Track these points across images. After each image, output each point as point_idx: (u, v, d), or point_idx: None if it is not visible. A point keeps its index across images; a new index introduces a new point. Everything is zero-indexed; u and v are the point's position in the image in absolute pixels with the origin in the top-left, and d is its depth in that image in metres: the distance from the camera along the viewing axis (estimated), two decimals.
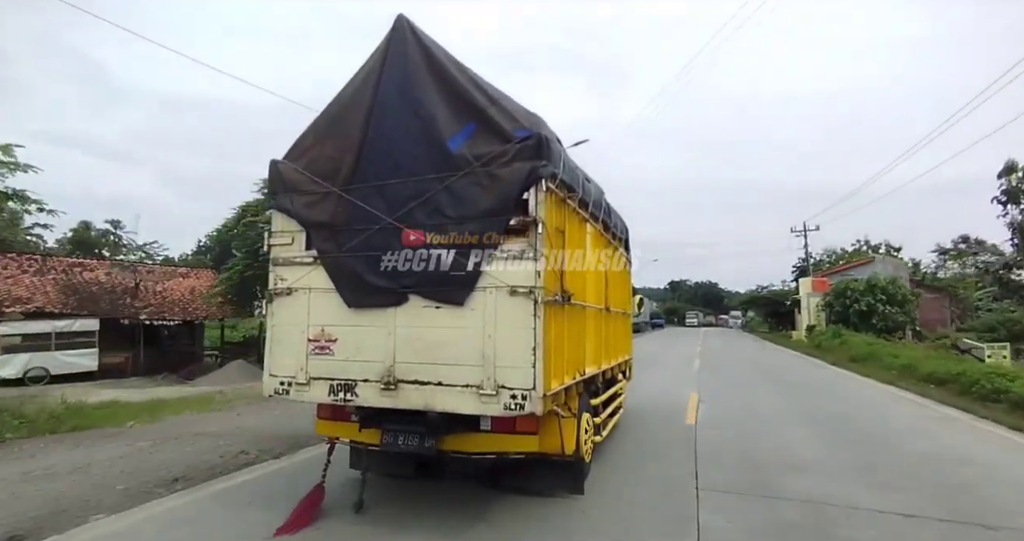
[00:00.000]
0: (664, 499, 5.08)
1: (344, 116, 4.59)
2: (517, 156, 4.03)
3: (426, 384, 4.13)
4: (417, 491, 5.20)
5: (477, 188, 4.10)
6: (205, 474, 5.80)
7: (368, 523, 4.41)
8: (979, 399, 10.53)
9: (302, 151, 4.74)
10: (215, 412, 9.88)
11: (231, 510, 4.74)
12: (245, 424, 8.49)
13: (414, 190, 4.26)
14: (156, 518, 4.59)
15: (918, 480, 5.59)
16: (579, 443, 5.17)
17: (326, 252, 4.51)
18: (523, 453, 4.45)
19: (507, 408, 3.90)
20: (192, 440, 7.39)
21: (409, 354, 4.21)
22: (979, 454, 6.71)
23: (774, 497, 5.08)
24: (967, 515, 4.61)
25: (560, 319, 4.44)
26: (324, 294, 4.51)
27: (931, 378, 13.08)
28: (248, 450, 6.73)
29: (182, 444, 7.17)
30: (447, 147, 4.19)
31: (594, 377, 5.94)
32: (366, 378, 4.30)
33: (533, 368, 3.86)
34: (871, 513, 4.66)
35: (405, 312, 4.26)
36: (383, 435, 4.53)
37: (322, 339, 4.48)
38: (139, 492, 5.24)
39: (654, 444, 7.23)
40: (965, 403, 10.32)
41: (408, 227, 4.23)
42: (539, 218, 3.96)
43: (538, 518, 4.54)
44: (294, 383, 4.51)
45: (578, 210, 5.05)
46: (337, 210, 4.49)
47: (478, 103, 4.22)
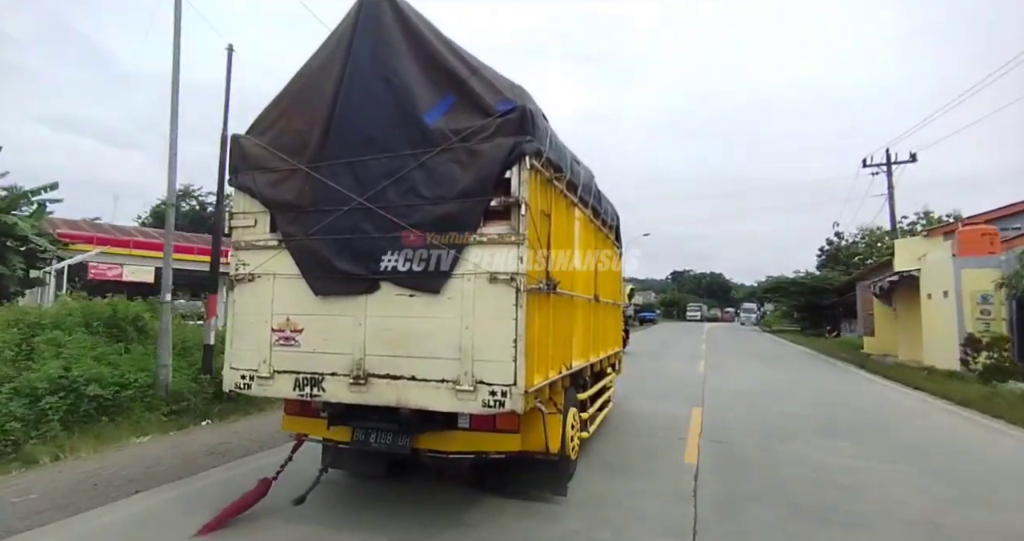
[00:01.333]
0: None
1: (313, 86, 4.21)
2: (499, 131, 3.69)
3: (398, 378, 3.80)
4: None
5: (455, 166, 3.76)
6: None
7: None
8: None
9: (267, 125, 4.36)
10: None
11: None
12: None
13: (387, 168, 3.91)
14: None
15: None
16: (565, 441, 4.88)
17: (291, 235, 4.15)
18: (504, 453, 4.14)
19: (486, 405, 3.59)
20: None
21: (380, 346, 3.88)
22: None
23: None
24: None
25: (545, 309, 4.12)
26: (289, 281, 4.16)
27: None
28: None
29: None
30: (423, 121, 3.83)
31: (582, 370, 5.65)
32: (334, 372, 3.96)
33: (514, 362, 3.54)
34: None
35: (376, 300, 3.92)
36: (354, 432, 4.21)
37: (287, 329, 4.13)
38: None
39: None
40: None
41: (380, 208, 3.88)
42: (522, 199, 3.63)
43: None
44: (256, 377, 4.17)
45: (566, 193, 4.72)
46: (303, 189, 4.12)
47: (458, 73, 3.86)
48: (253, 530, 3.95)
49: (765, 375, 14.83)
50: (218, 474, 5.37)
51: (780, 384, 12.96)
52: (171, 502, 4.56)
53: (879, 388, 12.83)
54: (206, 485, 5.01)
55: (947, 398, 10.84)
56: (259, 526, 4.01)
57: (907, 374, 14.24)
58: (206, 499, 4.47)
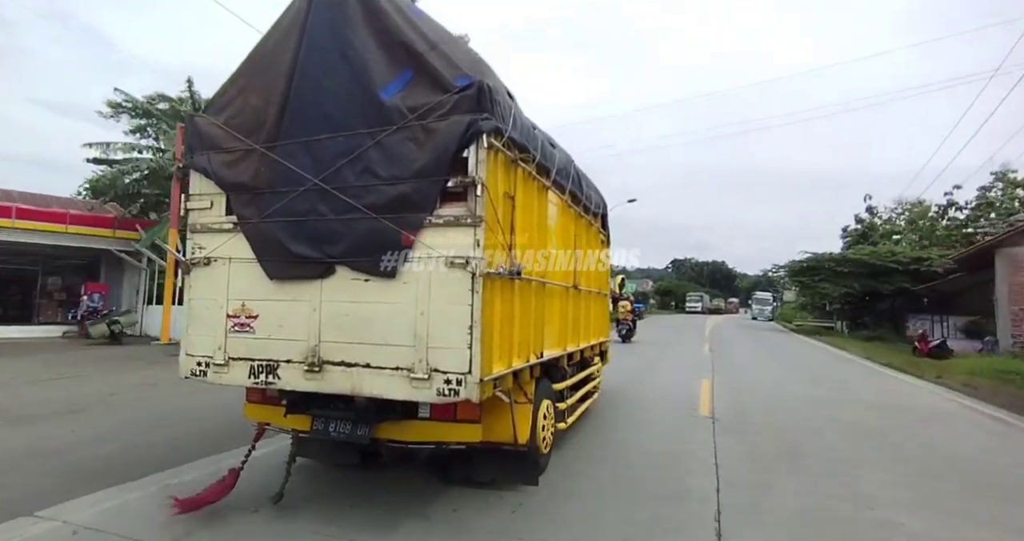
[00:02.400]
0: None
1: (269, 62, 4.04)
2: (455, 108, 3.52)
3: (353, 366, 3.67)
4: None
5: (411, 144, 3.60)
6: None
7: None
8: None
9: (224, 103, 4.20)
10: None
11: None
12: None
13: (343, 147, 3.75)
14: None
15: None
16: (535, 432, 4.76)
17: (246, 218, 4.00)
18: (464, 444, 4.02)
19: (440, 394, 3.46)
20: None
21: (335, 332, 3.74)
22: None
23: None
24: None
25: (508, 295, 3.97)
26: (245, 265, 4.02)
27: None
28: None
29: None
30: (379, 97, 3.66)
31: (557, 360, 5.50)
32: (289, 359, 3.83)
33: (469, 349, 3.40)
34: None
35: (331, 285, 3.78)
36: (313, 421, 4.09)
37: (242, 315, 4.00)
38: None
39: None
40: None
41: (335, 189, 3.73)
42: (479, 179, 3.46)
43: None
44: (212, 364, 4.05)
45: (535, 176, 4.55)
46: (259, 170, 3.97)
47: (416, 47, 3.68)
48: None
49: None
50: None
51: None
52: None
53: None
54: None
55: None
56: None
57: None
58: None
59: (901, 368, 15.03)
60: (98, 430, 6.40)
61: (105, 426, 6.62)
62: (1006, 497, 4.91)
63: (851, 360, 17.84)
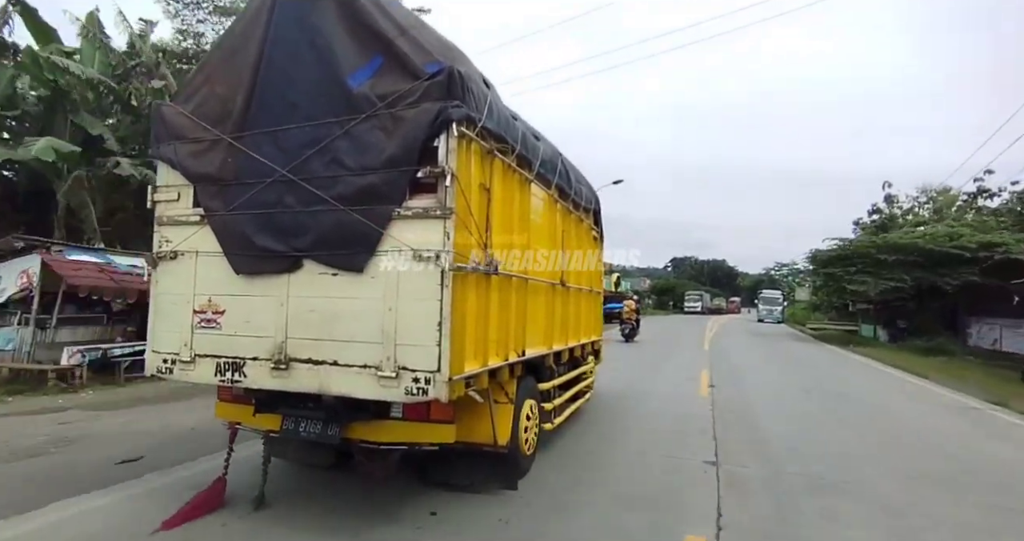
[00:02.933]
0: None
1: (237, 49, 3.91)
2: (425, 95, 3.37)
3: (320, 363, 3.54)
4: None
5: (380, 133, 3.45)
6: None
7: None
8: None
9: (192, 91, 4.07)
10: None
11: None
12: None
13: (311, 136, 3.61)
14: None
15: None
16: (517, 433, 4.62)
17: (213, 210, 3.87)
18: (437, 445, 3.88)
19: (409, 393, 3.32)
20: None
21: (303, 329, 3.60)
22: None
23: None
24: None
25: (483, 291, 3.83)
26: (212, 259, 3.89)
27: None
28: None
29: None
30: (347, 84, 3.52)
31: (543, 359, 5.35)
32: (255, 356, 3.70)
33: (438, 347, 3.26)
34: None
35: (299, 280, 3.65)
36: (283, 421, 3.96)
37: (209, 311, 3.87)
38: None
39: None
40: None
41: (303, 180, 3.59)
42: (448, 169, 3.31)
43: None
44: (178, 361, 3.92)
45: (516, 168, 4.39)
46: (226, 161, 3.84)
47: (385, 32, 3.54)
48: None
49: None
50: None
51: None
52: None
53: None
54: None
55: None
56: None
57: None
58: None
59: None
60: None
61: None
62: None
63: (954, 401, 10.43)
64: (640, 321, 21.41)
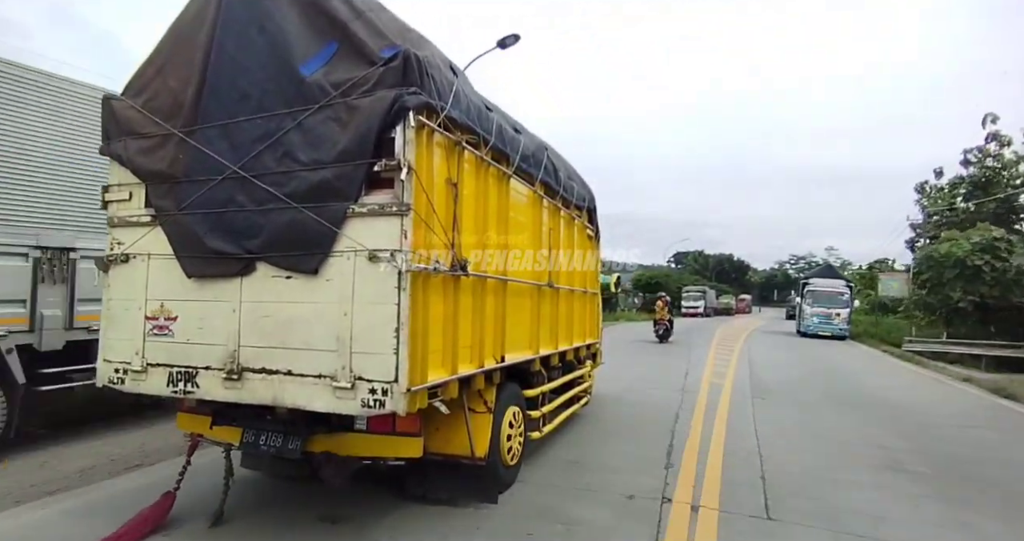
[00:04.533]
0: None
1: (187, 38, 3.66)
2: (380, 82, 3.11)
3: (274, 373, 3.29)
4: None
5: (334, 125, 3.20)
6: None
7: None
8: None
9: (143, 84, 3.82)
10: None
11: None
12: None
13: (263, 129, 3.36)
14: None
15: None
16: (497, 443, 4.35)
17: (164, 210, 3.63)
18: (403, 459, 3.62)
19: (365, 405, 3.06)
20: None
21: (256, 336, 3.36)
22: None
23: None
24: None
25: (451, 294, 3.56)
26: (164, 262, 3.65)
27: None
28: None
29: None
30: (299, 73, 3.27)
31: (528, 364, 5.08)
32: (208, 365, 3.46)
33: (395, 355, 3.00)
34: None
35: (252, 283, 3.40)
36: (243, 433, 3.72)
37: (161, 317, 3.64)
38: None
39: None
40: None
41: (255, 176, 3.34)
42: (405, 161, 3.05)
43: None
44: (129, 370, 3.69)
45: (490, 161, 4.12)
46: (177, 157, 3.60)
47: (339, 16, 3.28)
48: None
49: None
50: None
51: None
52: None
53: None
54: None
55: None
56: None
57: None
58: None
59: None
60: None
61: None
62: None
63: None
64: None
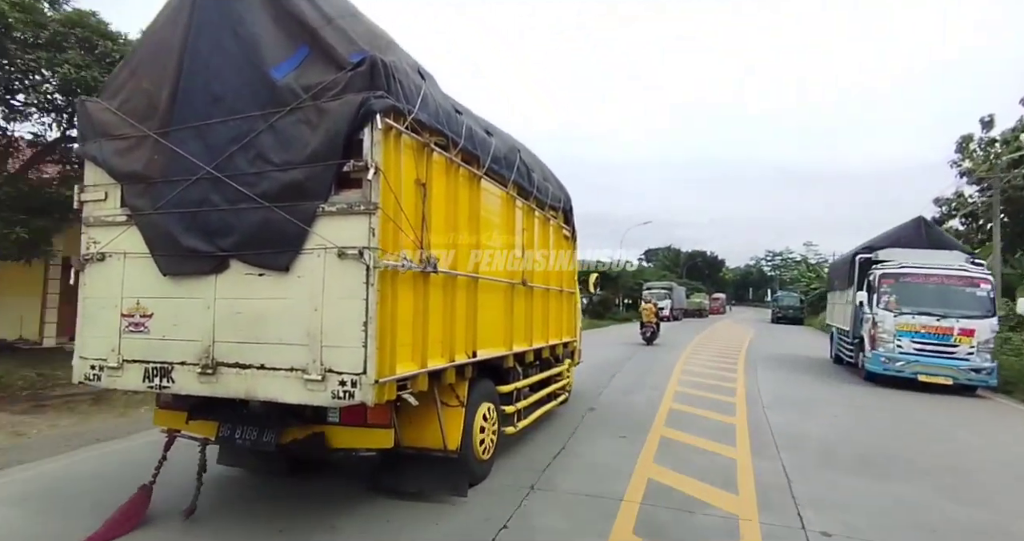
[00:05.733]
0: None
1: (162, 41, 3.75)
2: (348, 86, 3.23)
3: (248, 368, 3.39)
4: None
5: (305, 127, 3.32)
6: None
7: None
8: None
9: (119, 86, 3.92)
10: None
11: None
12: None
13: (236, 131, 3.47)
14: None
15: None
16: (470, 437, 4.48)
17: (140, 209, 3.72)
18: (374, 450, 3.73)
19: (335, 397, 3.18)
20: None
21: (230, 332, 3.46)
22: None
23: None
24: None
25: (420, 290, 3.69)
26: (140, 260, 3.74)
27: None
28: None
29: None
30: (270, 76, 3.39)
31: (501, 360, 5.21)
32: (183, 360, 3.55)
33: (364, 348, 3.12)
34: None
35: (226, 281, 3.50)
36: (220, 427, 3.82)
37: (137, 314, 3.72)
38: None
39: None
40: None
41: (228, 177, 3.45)
42: (372, 162, 3.17)
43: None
44: (106, 367, 3.77)
45: (460, 163, 4.25)
46: (152, 158, 3.69)
47: (310, 21, 3.40)
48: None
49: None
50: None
51: None
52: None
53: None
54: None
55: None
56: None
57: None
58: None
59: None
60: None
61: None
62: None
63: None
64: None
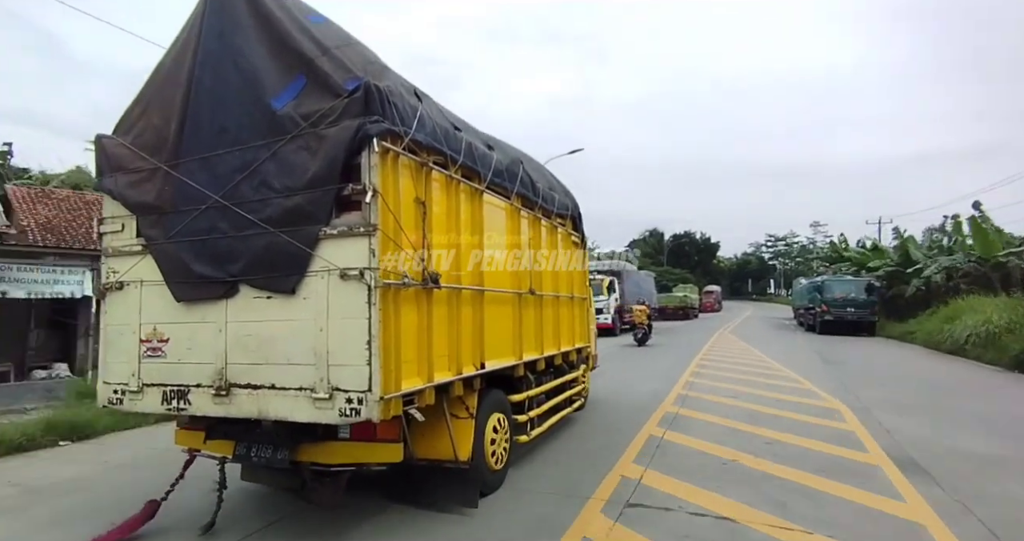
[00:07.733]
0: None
1: (169, 77, 3.94)
2: (345, 112, 3.35)
3: (259, 388, 3.51)
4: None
5: (305, 154, 3.44)
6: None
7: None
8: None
9: (131, 122, 4.11)
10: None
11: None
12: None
13: (240, 160, 3.61)
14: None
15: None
16: (481, 447, 4.53)
17: (153, 239, 3.89)
18: (385, 465, 3.81)
19: (343, 414, 3.27)
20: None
21: (242, 354, 3.58)
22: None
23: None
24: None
25: (423, 306, 3.77)
26: (156, 287, 3.90)
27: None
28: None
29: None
30: (271, 106, 3.52)
31: (511, 370, 5.26)
32: (198, 383, 3.69)
33: (368, 366, 3.21)
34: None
35: (236, 305, 3.63)
36: (236, 446, 3.94)
37: (154, 339, 3.88)
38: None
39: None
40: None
41: (235, 204, 3.59)
42: (370, 185, 3.28)
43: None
44: (127, 391, 3.92)
45: (460, 179, 4.34)
46: (163, 189, 3.86)
47: (306, 52, 3.53)
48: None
49: None
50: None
51: None
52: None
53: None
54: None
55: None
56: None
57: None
58: None
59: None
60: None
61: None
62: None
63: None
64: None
